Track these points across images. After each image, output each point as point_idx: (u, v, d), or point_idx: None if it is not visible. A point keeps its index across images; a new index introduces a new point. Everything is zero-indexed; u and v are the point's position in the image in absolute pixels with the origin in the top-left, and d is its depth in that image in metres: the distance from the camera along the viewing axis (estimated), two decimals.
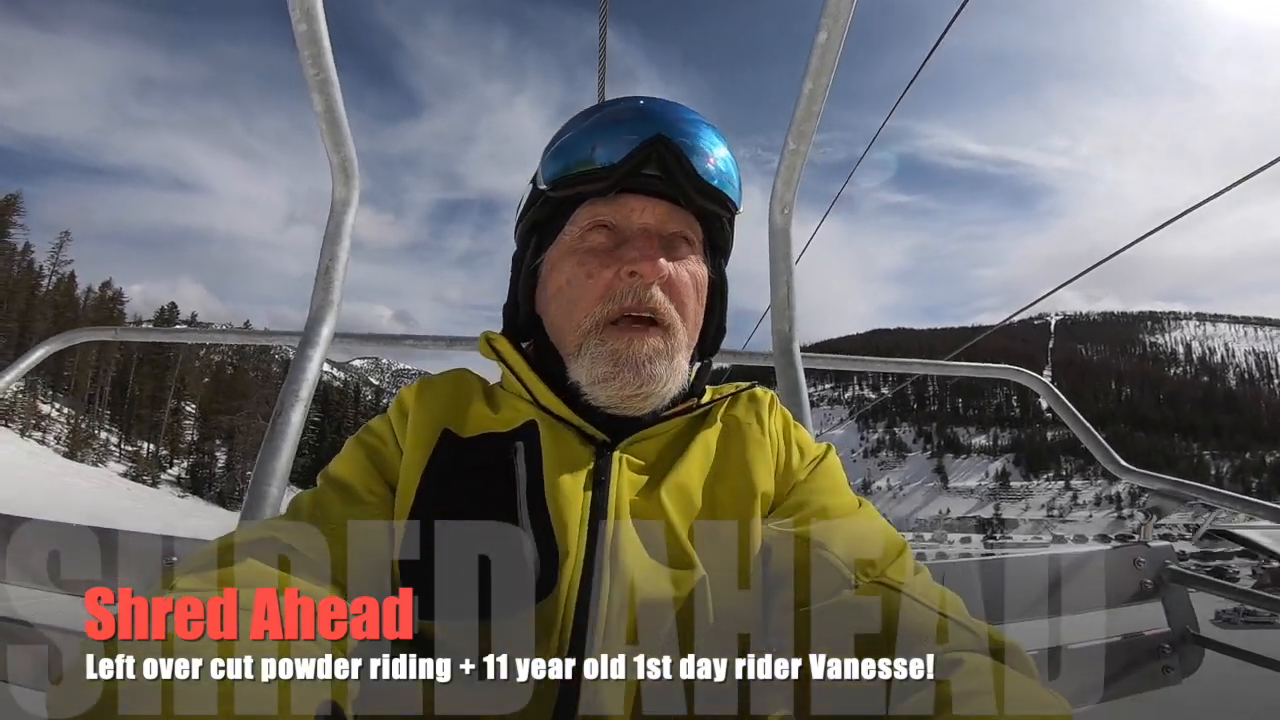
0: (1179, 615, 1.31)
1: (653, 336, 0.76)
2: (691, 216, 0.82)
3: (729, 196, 0.82)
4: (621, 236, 0.79)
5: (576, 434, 0.78)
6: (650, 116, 0.79)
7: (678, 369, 0.78)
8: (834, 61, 1.41)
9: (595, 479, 0.73)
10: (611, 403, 0.77)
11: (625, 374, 0.75)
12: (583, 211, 0.80)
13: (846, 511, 0.77)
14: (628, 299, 0.76)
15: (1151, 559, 1.35)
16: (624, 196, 0.79)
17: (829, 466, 0.84)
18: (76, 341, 1.89)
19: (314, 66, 1.46)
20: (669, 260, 0.78)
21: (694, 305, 0.81)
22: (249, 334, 1.96)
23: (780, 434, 0.84)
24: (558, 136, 0.84)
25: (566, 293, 0.79)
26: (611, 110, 0.82)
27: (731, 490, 0.76)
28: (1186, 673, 1.27)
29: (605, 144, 0.78)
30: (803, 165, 1.65)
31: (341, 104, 1.57)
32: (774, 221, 1.77)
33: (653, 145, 0.76)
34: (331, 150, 1.66)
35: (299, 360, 1.59)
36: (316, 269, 1.70)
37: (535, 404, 0.80)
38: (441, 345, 2.05)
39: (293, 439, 1.43)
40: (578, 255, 0.79)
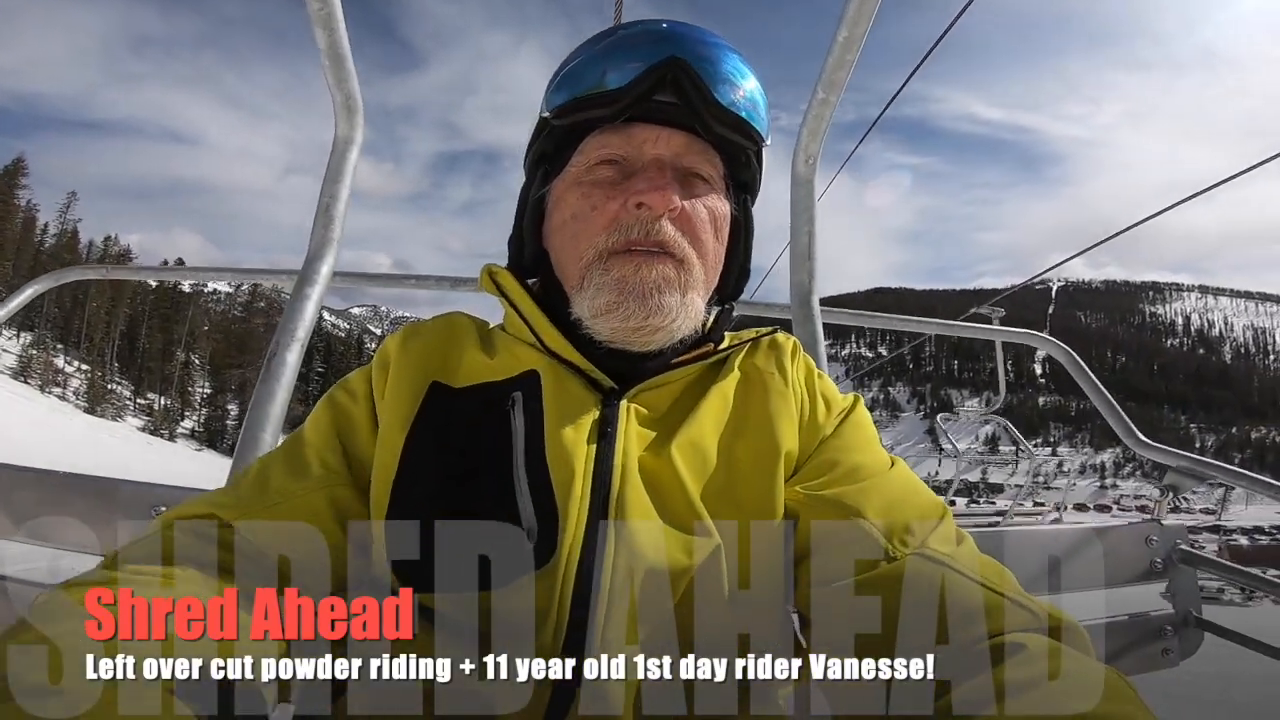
0: (1184, 597, 1.29)
1: (662, 263, 0.69)
2: (712, 149, 0.75)
3: (753, 127, 0.74)
4: (632, 168, 0.72)
5: (582, 379, 0.72)
6: (667, 38, 0.71)
7: (690, 305, 0.71)
8: (873, 9, 1.32)
9: (600, 430, 0.67)
10: (616, 336, 0.70)
11: (630, 303, 0.68)
12: (591, 141, 0.74)
13: (879, 470, 0.70)
14: (634, 231, 0.69)
15: (1164, 538, 1.33)
16: (635, 126, 0.72)
17: (858, 420, 0.77)
18: (67, 280, 1.84)
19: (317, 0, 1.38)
20: (684, 193, 0.71)
21: (711, 242, 0.74)
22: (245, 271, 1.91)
23: (804, 384, 0.77)
24: (567, 61, 0.77)
25: (570, 226, 0.73)
26: (625, 33, 0.74)
27: (751, 447, 0.70)
28: (1184, 655, 1.26)
29: (616, 67, 0.71)
30: (830, 116, 1.57)
31: (346, 39, 1.49)
32: (797, 171, 1.70)
33: (667, 67, 0.69)
34: (334, 87, 1.59)
35: (296, 299, 1.53)
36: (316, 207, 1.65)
37: (539, 344, 0.74)
38: (445, 286, 1.99)
39: (288, 381, 1.38)
40: (583, 187, 0.73)
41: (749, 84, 0.74)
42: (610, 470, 0.65)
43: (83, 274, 1.92)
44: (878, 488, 0.68)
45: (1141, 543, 1.33)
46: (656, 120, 0.72)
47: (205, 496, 0.71)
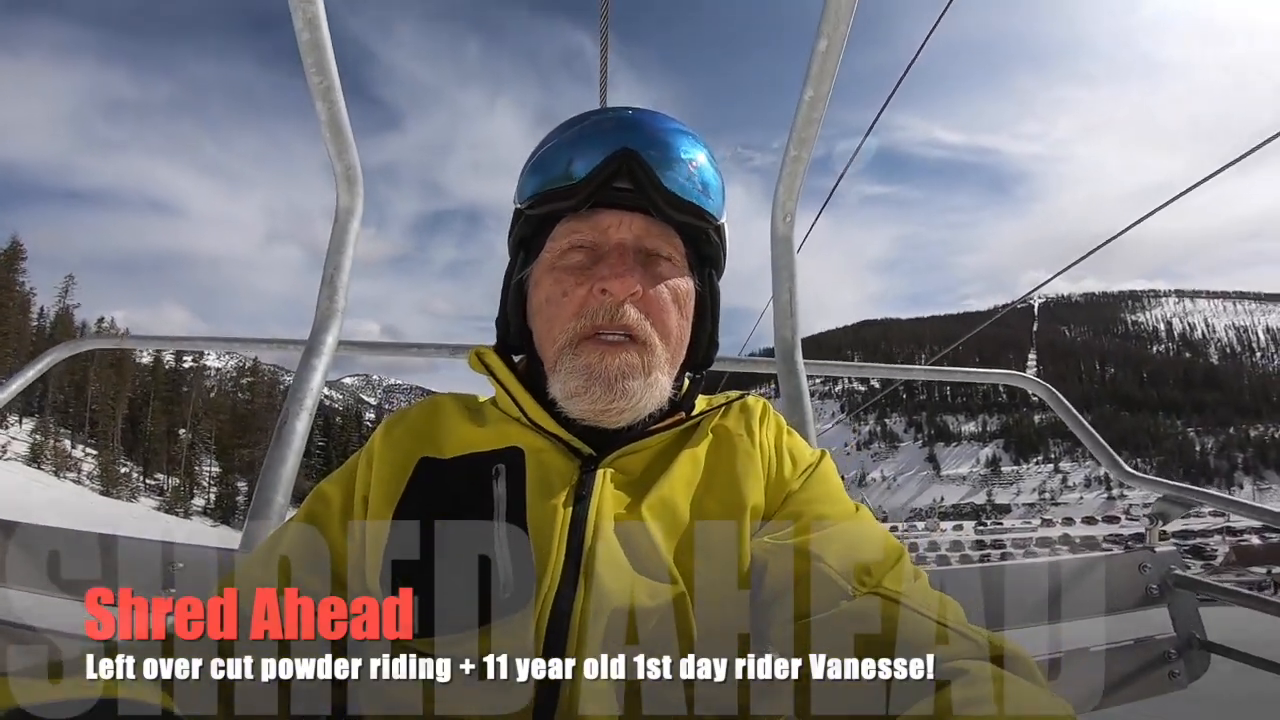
0: (1185, 620, 1.32)
1: (626, 352, 0.75)
2: (671, 229, 0.80)
3: (704, 209, 0.80)
4: (599, 253, 0.78)
5: (563, 448, 0.78)
6: (622, 128, 0.78)
7: (655, 384, 0.77)
8: (834, 68, 1.40)
9: (577, 494, 0.73)
10: (586, 416, 0.76)
11: (596, 389, 0.74)
12: (561, 228, 0.80)
13: (841, 519, 0.76)
14: (600, 317, 0.75)
15: (1157, 564, 1.36)
16: (599, 211, 0.78)
17: (823, 474, 0.83)
18: (83, 349, 1.87)
19: (318, 75, 1.45)
20: (647, 276, 0.77)
21: (675, 320, 0.80)
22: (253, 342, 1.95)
23: (772, 444, 0.83)
24: (534, 152, 0.84)
25: (546, 310, 0.79)
26: (585, 123, 0.80)
27: (720, 502, 0.76)
28: (1193, 677, 1.28)
29: (576, 159, 0.77)
30: (804, 172, 1.64)
31: (345, 111, 1.56)
32: (776, 229, 1.77)
33: (620, 158, 0.75)
34: (335, 158, 1.65)
35: (303, 369, 1.58)
36: (321, 277, 1.70)
37: (523, 418, 0.80)
38: (445, 353, 2.04)
39: (298, 447, 1.44)
40: (555, 273, 0.79)
41: (700, 167, 0.80)
42: (584, 529, 0.70)
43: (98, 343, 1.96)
44: (838, 535, 0.73)
45: (1135, 570, 1.36)
46: (618, 205, 0.78)
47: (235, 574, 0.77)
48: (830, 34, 1.34)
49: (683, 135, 0.80)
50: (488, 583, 0.67)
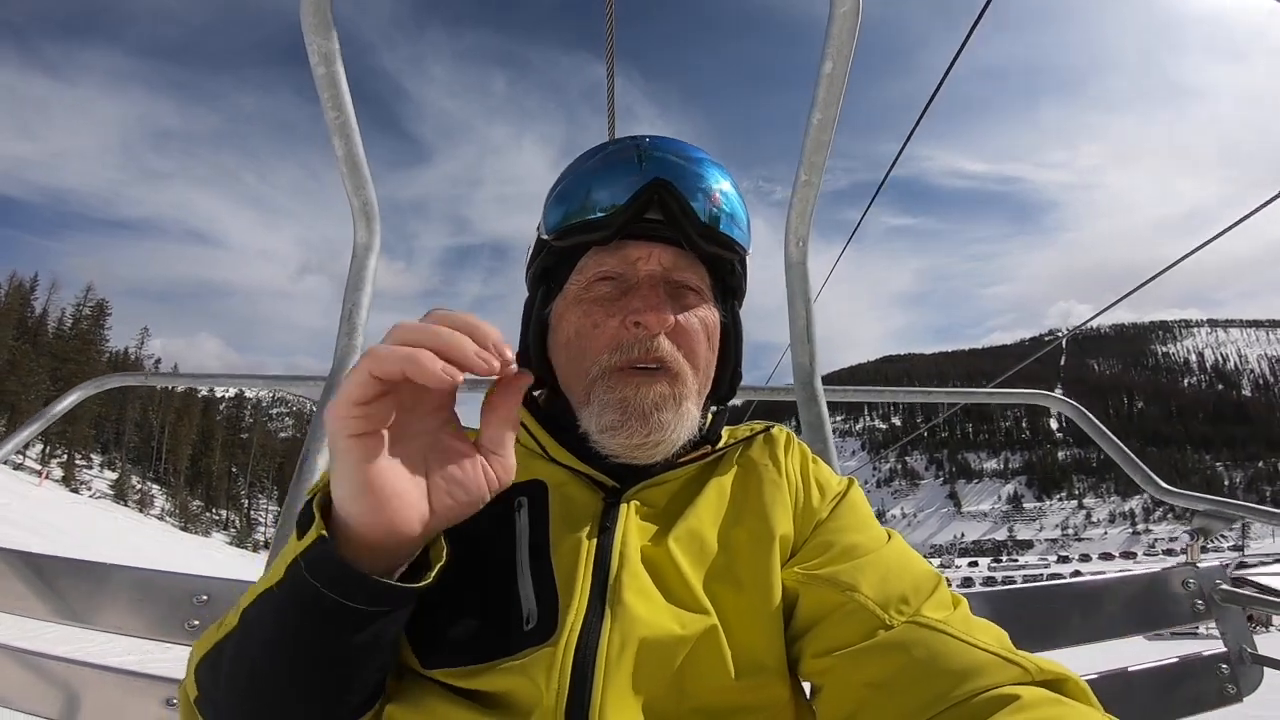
0: (1234, 634, 1.27)
1: (659, 383, 0.74)
2: (699, 261, 0.80)
3: (736, 240, 0.79)
4: (627, 284, 0.77)
5: (586, 482, 0.76)
6: (650, 158, 0.77)
7: (685, 416, 0.75)
8: (840, 92, 1.42)
9: (601, 527, 0.71)
10: (620, 451, 0.74)
11: (633, 422, 0.72)
12: (587, 260, 0.79)
13: (874, 548, 0.73)
14: (634, 351, 0.74)
15: (1201, 579, 1.32)
16: (627, 243, 0.77)
17: (852, 502, 0.81)
18: (108, 386, 1.89)
19: (334, 110, 1.47)
20: (676, 307, 0.76)
21: (704, 352, 0.79)
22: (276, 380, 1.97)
23: (798, 473, 0.82)
24: (559, 180, 0.83)
25: (575, 344, 0.77)
26: (610, 152, 0.80)
27: (749, 534, 0.74)
28: (1247, 691, 1.23)
29: (605, 189, 0.77)
30: (816, 197, 1.64)
31: (361, 148, 1.57)
32: (789, 255, 1.76)
33: (653, 190, 0.75)
34: (352, 194, 1.66)
35: (324, 405, 1.59)
36: (340, 314, 1.71)
37: (544, 455, 0.78)
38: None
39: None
40: (583, 305, 0.77)
41: (729, 198, 0.79)
42: (610, 560, 0.68)
43: (124, 380, 1.97)
44: (872, 564, 0.71)
45: (1179, 586, 1.32)
46: (646, 237, 0.77)
47: None
48: (835, 56, 1.35)
49: (709, 165, 0.79)
50: (511, 615, 0.65)
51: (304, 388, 2.01)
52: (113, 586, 1.23)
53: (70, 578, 1.23)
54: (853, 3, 1.24)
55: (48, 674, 1.21)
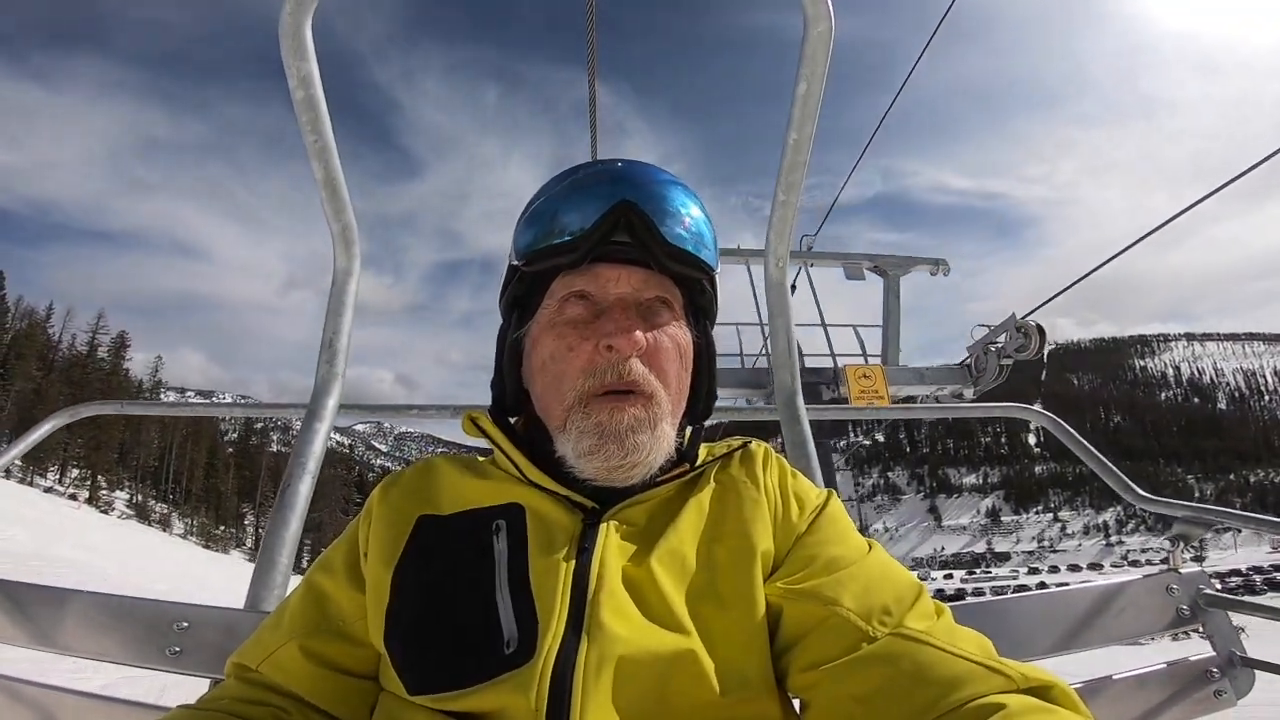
0: (1222, 639, 1.28)
1: (633, 406, 0.75)
2: (669, 280, 0.81)
3: (703, 260, 0.81)
4: (599, 306, 0.78)
5: (564, 504, 0.77)
6: (618, 180, 0.79)
7: (661, 437, 0.76)
8: (815, 111, 1.43)
9: (580, 548, 0.72)
10: (598, 474, 0.75)
11: (609, 446, 0.73)
12: (559, 283, 0.80)
13: (855, 559, 0.74)
14: (607, 375, 0.75)
15: (1185, 585, 1.33)
16: (598, 265, 0.79)
17: (832, 514, 0.81)
18: (82, 415, 1.83)
19: (313, 133, 1.45)
20: (647, 328, 0.77)
21: (677, 370, 0.80)
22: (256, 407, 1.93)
23: (777, 487, 0.82)
24: (528, 206, 0.84)
25: (550, 368, 0.78)
26: (579, 176, 0.82)
27: (729, 551, 0.74)
28: (1240, 695, 1.23)
29: (573, 212, 0.78)
30: (794, 216, 1.65)
31: (340, 171, 1.56)
32: (770, 275, 1.77)
33: (619, 212, 0.76)
34: (332, 219, 1.64)
35: (305, 433, 1.57)
36: (320, 341, 1.69)
37: (523, 478, 0.79)
38: (446, 414, 2.00)
39: (301, 510, 1.42)
40: (557, 329, 0.79)
41: (695, 218, 0.81)
42: (588, 580, 0.68)
43: (99, 409, 1.91)
44: (853, 576, 0.71)
45: (1162, 592, 1.33)
46: (615, 259, 0.79)
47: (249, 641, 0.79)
48: (809, 77, 1.37)
49: (676, 187, 0.81)
50: (492, 639, 0.65)
51: (286, 414, 1.97)
52: (92, 612, 1.20)
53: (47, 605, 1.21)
54: (826, 24, 1.26)
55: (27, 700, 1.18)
